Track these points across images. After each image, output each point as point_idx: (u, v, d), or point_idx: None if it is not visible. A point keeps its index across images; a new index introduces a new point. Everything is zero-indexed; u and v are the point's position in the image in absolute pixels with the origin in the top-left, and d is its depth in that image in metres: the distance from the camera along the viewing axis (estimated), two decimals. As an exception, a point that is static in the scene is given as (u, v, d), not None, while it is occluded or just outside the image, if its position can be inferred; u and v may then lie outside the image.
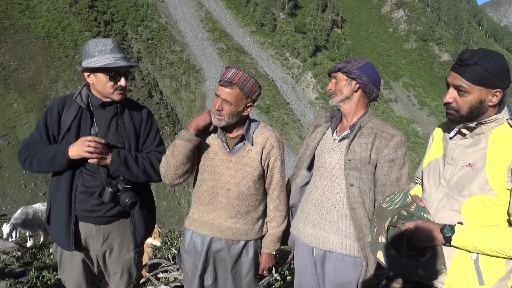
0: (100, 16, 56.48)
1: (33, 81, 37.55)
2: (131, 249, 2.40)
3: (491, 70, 1.64)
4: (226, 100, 2.08)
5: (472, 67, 1.66)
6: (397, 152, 2.03)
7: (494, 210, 1.67)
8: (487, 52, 1.69)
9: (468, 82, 1.67)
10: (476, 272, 1.68)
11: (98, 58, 2.11)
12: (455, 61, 1.77)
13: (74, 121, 2.20)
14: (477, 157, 1.71)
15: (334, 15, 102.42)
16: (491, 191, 1.65)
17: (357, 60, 2.13)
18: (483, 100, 1.69)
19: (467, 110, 1.71)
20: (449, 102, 1.76)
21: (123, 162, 2.20)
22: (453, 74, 1.72)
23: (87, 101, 2.24)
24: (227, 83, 2.07)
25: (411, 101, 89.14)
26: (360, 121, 2.08)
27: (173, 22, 72.72)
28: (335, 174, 2.10)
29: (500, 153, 1.65)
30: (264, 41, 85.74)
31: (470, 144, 1.77)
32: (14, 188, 30.23)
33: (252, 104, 2.16)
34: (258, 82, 2.17)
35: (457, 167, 1.78)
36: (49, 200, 2.31)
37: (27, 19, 44.00)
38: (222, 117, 2.11)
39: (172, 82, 59.98)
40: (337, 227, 2.09)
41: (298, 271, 2.33)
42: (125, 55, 2.23)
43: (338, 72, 2.13)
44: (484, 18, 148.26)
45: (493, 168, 1.65)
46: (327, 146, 2.17)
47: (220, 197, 2.22)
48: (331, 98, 2.17)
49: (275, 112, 66.52)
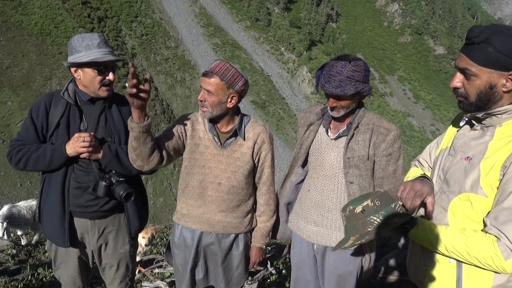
0: (94, 13, 56.01)
1: (26, 79, 37.32)
2: (126, 242, 2.43)
3: (503, 49, 1.37)
4: (208, 90, 2.08)
5: (479, 45, 1.42)
6: (393, 146, 2.05)
7: (481, 213, 1.46)
8: (499, 28, 1.42)
9: (475, 63, 1.43)
10: (457, 278, 1.52)
11: (85, 53, 2.10)
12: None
13: (63, 118, 2.19)
14: (477, 150, 1.50)
15: (328, 9, 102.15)
16: (480, 190, 1.45)
17: (356, 71, 1.93)
18: (493, 84, 1.44)
19: (475, 97, 1.48)
20: (457, 87, 1.53)
21: (114, 156, 2.21)
22: (460, 55, 1.49)
23: (74, 97, 2.23)
24: (208, 73, 2.08)
25: (406, 95, 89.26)
26: (356, 119, 2.07)
27: (167, 18, 72.29)
28: (334, 172, 2.11)
29: (499, 148, 1.44)
30: (259, 36, 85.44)
31: (477, 136, 1.55)
32: (9, 186, 30.13)
33: (236, 96, 2.13)
34: (243, 74, 2.14)
35: (455, 159, 1.58)
36: (39, 199, 2.30)
37: (20, 16, 43.58)
38: (206, 108, 2.11)
39: (167, 78, 59.73)
40: (339, 223, 2.11)
41: (295, 265, 2.35)
42: (112, 49, 2.22)
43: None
44: (479, 11, 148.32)
45: (488, 164, 1.44)
46: (323, 145, 2.16)
47: (210, 191, 2.22)
48: (330, 109, 2.06)
49: (270, 107, 66.47)
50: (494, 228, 1.37)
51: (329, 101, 2.03)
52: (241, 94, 2.16)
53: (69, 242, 2.24)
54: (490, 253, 1.36)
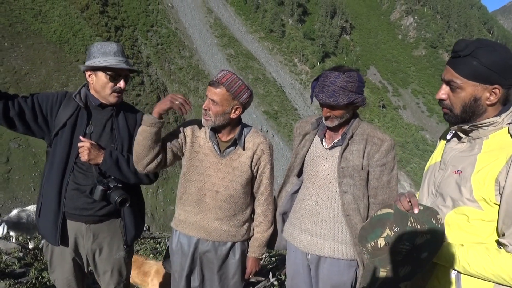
0: (111, 22, 57.27)
1: (44, 85, 38.14)
2: (121, 249, 2.43)
3: (487, 63, 1.41)
4: (213, 100, 2.10)
5: (465, 59, 1.45)
6: (387, 157, 2.05)
7: (478, 226, 1.46)
8: (485, 42, 1.45)
9: (460, 76, 1.47)
10: None
11: (101, 59, 2.19)
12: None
13: (70, 119, 2.25)
14: (467, 163, 1.51)
15: (343, 22, 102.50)
16: (475, 203, 1.45)
17: (349, 81, 1.95)
18: (478, 97, 1.47)
19: (460, 109, 1.51)
20: (442, 99, 1.56)
21: (114, 162, 2.24)
22: (446, 68, 1.54)
23: (85, 101, 2.30)
24: (215, 83, 2.10)
25: (420, 108, 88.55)
26: (351, 129, 2.08)
27: (183, 28, 73.40)
28: (329, 182, 2.11)
29: (489, 162, 1.44)
30: (273, 47, 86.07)
31: (465, 149, 1.56)
32: (23, 190, 30.59)
33: (240, 107, 2.15)
34: (249, 86, 2.17)
35: (446, 172, 1.59)
36: (40, 194, 2.34)
37: (39, 24, 44.81)
38: (209, 117, 2.13)
39: (181, 87, 60.40)
40: (333, 233, 2.10)
41: (290, 275, 2.34)
42: (127, 59, 2.30)
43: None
44: (495, 25, 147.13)
45: (480, 177, 1.44)
46: (317, 154, 2.17)
47: (208, 198, 2.23)
48: (325, 119, 2.08)
49: (282, 117, 66.56)
50: None
51: (323, 110, 2.06)
52: (245, 106, 2.18)
53: (60, 240, 2.26)
54: None
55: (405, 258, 1.49)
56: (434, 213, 1.52)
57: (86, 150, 2.17)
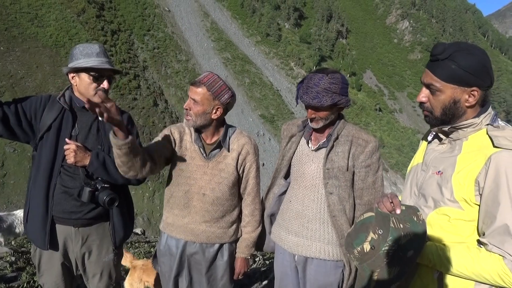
0: (107, 26, 57.31)
1: (39, 89, 38.05)
2: (110, 251, 2.42)
3: (465, 66, 1.44)
4: (194, 99, 2.12)
5: (443, 62, 1.48)
6: (372, 158, 2.07)
7: (459, 226, 1.50)
8: (463, 46, 1.48)
9: (439, 79, 1.50)
10: None
11: (83, 60, 2.19)
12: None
13: (55, 122, 2.23)
14: (447, 164, 1.55)
15: (339, 26, 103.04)
16: (456, 204, 1.49)
17: (333, 83, 1.97)
18: (457, 100, 1.50)
19: (440, 111, 1.54)
20: (422, 102, 1.59)
21: (101, 164, 2.23)
22: (425, 71, 1.56)
23: (69, 103, 2.28)
24: (196, 83, 2.12)
25: (416, 112, 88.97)
26: (336, 130, 2.10)
27: (179, 32, 73.55)
28: (314, 183, 2.12)
29: (469, 163, 1.48)
30: (269, 51, 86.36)
31: (446, 150, 1.61)
32: (18, 195, 30.45)
33: (221, 107, 2.16)
34: (230, 87, 2.19)
35: (428, 173, 1.62)
36: (27, 199, 2.33)
37: (36, 28, 44.77)
38: (190, 117, 2.14)
39: (177, 91, 60.44)
40: (319, 234, 2.12)
41: (278, 277, 2.34)
42: (109, 60, 2.29)
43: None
44: (490, 30, 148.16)
45: (460, 178, 1.48)
46: (304, 156, 2.18)
47: (195, 201, 2.23)
48: (310, 121, 2.09)
49: (279, 121, 66.66)
50: (496, 248, 1.40)
51: (308, 112, 2.08)
52: (226, 106, 2.19)
53: (49, 244, 2.25)
54: (499, 272, 1.39)
55: (392, 259, 1.50)
56: (415, 211, 1.54)
57: (72, 152, 2.16)
